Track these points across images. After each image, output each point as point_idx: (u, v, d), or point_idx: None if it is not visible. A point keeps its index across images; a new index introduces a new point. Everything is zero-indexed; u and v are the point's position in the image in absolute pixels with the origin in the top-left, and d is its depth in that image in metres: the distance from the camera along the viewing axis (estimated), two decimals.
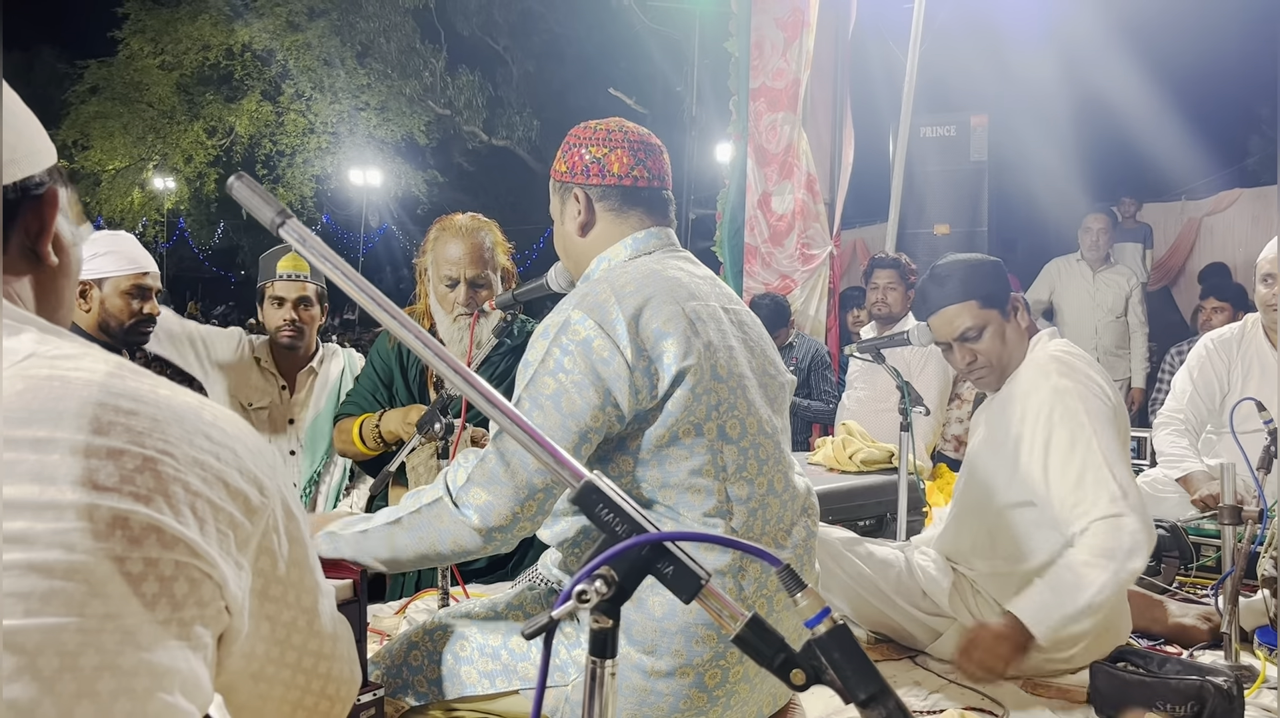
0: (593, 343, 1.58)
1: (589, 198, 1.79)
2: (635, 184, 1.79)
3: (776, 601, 1.68)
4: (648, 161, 1.80)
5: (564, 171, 1.82)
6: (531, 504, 1.57)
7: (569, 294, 1.71)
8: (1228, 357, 3.46)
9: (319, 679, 1.00)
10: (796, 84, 5.46)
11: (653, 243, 1.79)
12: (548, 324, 1.66)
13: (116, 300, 2.82)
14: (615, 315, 1.60)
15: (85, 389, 0.82)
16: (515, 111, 18.82)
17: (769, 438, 1.72)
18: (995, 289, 2.40)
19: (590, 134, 1.81)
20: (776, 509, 1.72)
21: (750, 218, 5.67)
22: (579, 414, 1.57)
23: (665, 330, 1.61)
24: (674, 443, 1.61)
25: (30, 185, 0.94)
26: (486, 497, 1.57)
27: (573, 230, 1.82)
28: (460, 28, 17.80)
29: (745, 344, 1.76)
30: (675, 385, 1.60)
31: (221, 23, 17.20)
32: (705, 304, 1.71)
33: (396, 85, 17.75)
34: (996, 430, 2.40)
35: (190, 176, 19.62)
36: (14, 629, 0.74)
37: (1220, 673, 1.98)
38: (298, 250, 1.00)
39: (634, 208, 1.79)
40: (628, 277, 1.69)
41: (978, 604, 2.39)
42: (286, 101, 18.20)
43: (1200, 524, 3.09)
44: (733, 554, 1.63)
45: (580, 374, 1.57)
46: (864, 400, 4.66)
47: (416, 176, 20.15)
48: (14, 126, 0.93)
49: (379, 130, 18.28)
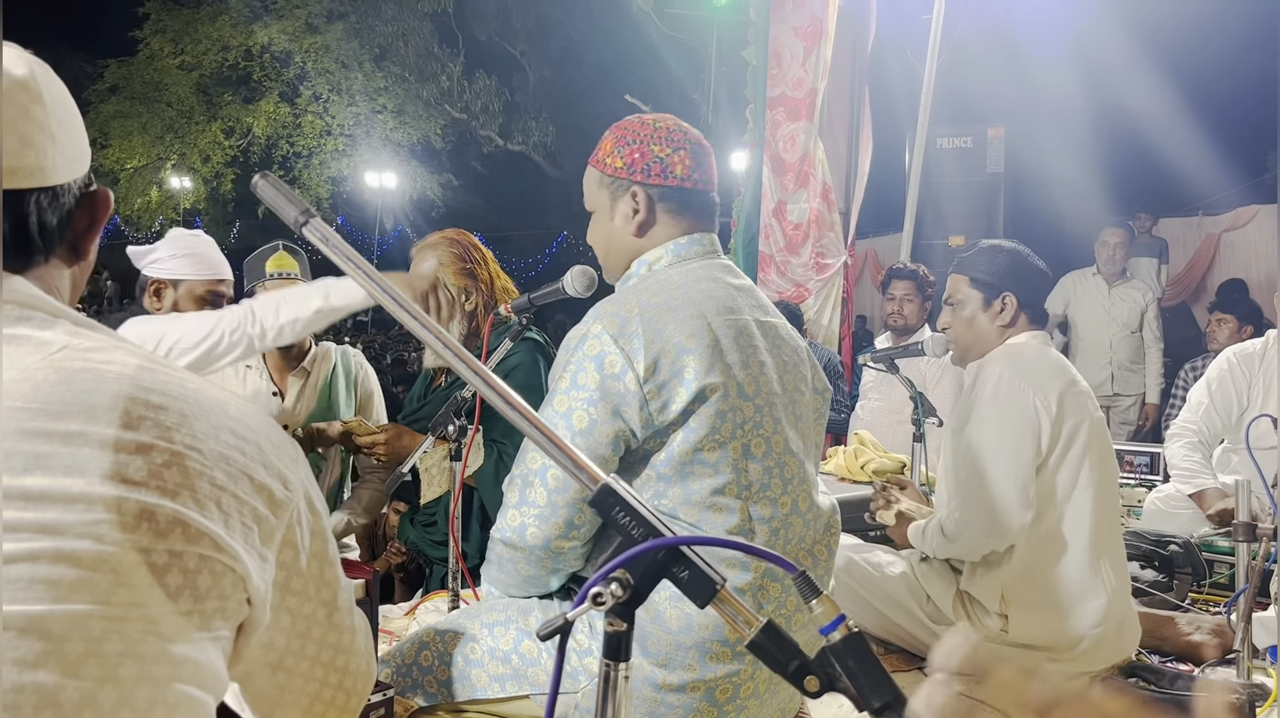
0: (605, 358, 1.58)
1: (650, 198, 1.75)
2: (695, 187, 1.75)
3: (795, 620, 1.67)
4: (704, 164, 1.77)
5: (620, 167, 1.75)
6: (561, 524, 1.60)
7: (599, 302, 1.69)
8: (1249, 372, 3.44)
9: (336, 672, 1.02)
10: (814, 93, 5.46)
11: (694, 249, 1.76)
12: (571, 337, 1.66)
13: (191, 304, 2.78)
14: (634, 329, 1.59)
15: (117, 383, 0.84)
16: (531, 117, 18.86)
17: (794, 457, 1.71)
18: (990, 278, 2.46)
19: (651, 131, 1.75)
20: (799, 529, 1.71)
21: (765, 226, 5.67)
22: (587, 432, 1.57)
23: (688, 346, 1.60)
24: (697, 460, 1.60)
25: (86, 183, 0.97)
26: (522, 519, 1.61)
27: (626, 229, 1.77)
28: (478, 32, 17.86)
29: (777, 359, 1.73)
30: (697, 402, 1.59)
31: (241, 24, 17.29)
32: (736, 318, 1.68)
33: (413, 89, 17.81)
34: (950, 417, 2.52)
35: (207, 176, 19.72)
36: (42, 615, 0.76)
37: (1233, 691, 1.97)
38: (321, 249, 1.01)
39: (688, 211, 1.76)
40: (658, 287, 1.67)
41: (976, 612, 2.38)
42: (304, 103, 18.29)
43: (1213, 541, 3.07)
44: (753, 573, 1.62)
45: (592, 390, 1.58)
46: (878, 411, 4.65)
47: (431, 180, 20.21)
48: (76, 127, 0.96)
49: (395, 133, 18.34)
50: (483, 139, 18.96)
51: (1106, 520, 2.33)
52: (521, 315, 2.32)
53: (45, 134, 0.90)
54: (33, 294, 0.89)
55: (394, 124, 18.19)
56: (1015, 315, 2.45)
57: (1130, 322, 5.88)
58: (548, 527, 1.60)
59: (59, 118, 0.93)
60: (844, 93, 5.76)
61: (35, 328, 0.86)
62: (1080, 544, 2.27)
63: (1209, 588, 2.96)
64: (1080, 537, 2.27)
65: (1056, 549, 2.27)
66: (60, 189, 0.93)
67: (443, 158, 19.86)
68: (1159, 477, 3.92)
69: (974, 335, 2.50)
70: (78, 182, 0.95)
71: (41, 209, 0.91)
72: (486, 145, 19.20)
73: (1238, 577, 2.42)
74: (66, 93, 0.96)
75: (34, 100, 0.90)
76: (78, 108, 0.98)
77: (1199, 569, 2.96)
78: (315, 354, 3.23)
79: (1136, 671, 2.17)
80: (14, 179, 0.88)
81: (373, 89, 17.79)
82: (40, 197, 0.91)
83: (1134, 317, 5.88)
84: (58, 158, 0.92)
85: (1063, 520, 2.28)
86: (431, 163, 20.02)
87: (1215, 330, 4.90)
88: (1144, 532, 3.08)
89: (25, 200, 0.90)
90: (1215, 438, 3.50)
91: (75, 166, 0.95)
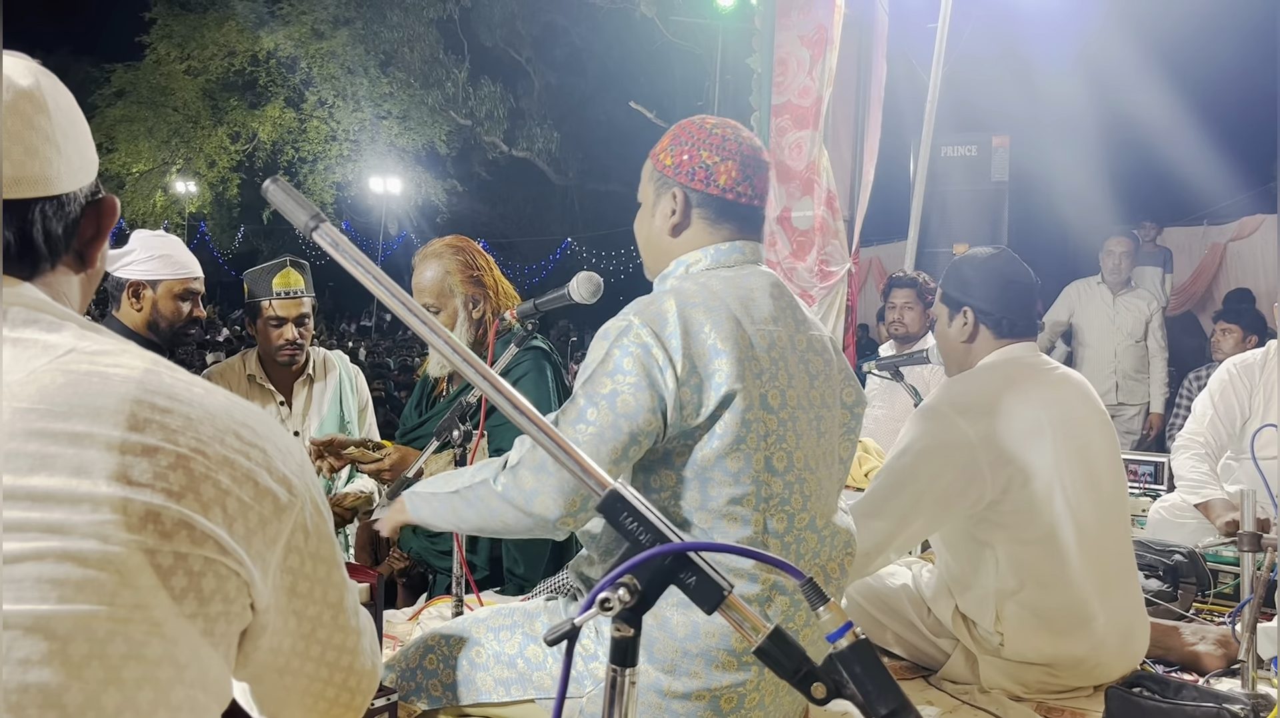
0: (650, 350, 1.59)
1: (688, 200, 1.75)
2: (737, 199, 1.74)
3: (804, 635, 1.66)
4: (754, 179, 1.75)
5: (669, 165, 1.76)
6: (575, 500, 1.57)
7: (637, 299, 1.69)
8: (1250, 382, 3.44)
9: (341, 673, 1.02)
10: (820, 101, 5.47)
11: (735, 257, 1.75)
12: (609, 327, 1.66)
13: (169, 303, 2.88)
14: (673, 328, 1.60)
15: (123, 386, 0.84)
16: (536, 123, 18.90)
17: (813, 473, 1.70)
18: (954, 292, 2.45)
19: (706, 136, 1.75)
20: (814, 545, 1.70)
21: (771, 233, 5.67)
22: (632, 415, 1.57)
23: (721, 349, 1.60)
24: (719, 467, 1.60)
25: (91, 192, 0.98)
26: (534, 483, 1.58)
27: (663, 228, 1.78)
28: (484, 39, 17.90)
29: (807, 372, 1.73)
30: (723, 407, 1.59)
31: (247, 29, 17.35)
32: (769, 328, 1.68)
33: (419, 95, 17.85)
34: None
35: (213, 181, 19.78)
36: (47, 615, 0.76)
37: (1237, 701, 1.97)
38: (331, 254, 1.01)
39: (728, 221, 1.76)
40: (696, 289, 1.67)
41: (975, 627, 2.37)
42: (309, 109, 18.34)
43: (1219, 551, 3.07)
44: (760, 585, 1.62)
45: (637, 377, 1.58)
46: (881, 419, 4.65)
47: (436, 186, 20.25)
48: (83, 132, 0.97)
49: (400, 139, 18.38)
50: (487, 145, 19.00)
51: (1102, 539, 2.29)
52: (526, 322, 2.32)
53: (50, 144, 0.91)
54: (39, 299, 0.90)
55: (399, 130, 18.23)
56: (975, 330, 2.41)
57: (1135, 331, 5.88)
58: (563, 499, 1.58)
59: (64, 127, 0.94)
60: (849, 100, 5.77)
61: (42, 331, 0.87)
62: (1069, 567, 2.23)
63: (1214, 598, 2.95)
64: (1068, 560, 2.23)
65: (1043, 573, 2.23)
66: (66, 198, 0.94)
67: (447, 164, 19.91)
68: (1163, 486, 3.91)
69: (946, 349, 2.51)
70: (84, 190, 0.96)
71: (46, 218, 0.92)
72: (491, 151, 19.23)
73: (1243, 587, 2.42)
74: (73, 102, 0.97)
75: (39, 110, 0.91)
76: (84, 113, 0.98)
77: (1204, 579, 2.95)
78: (315, 361, 3.25)
79: (1140, 680, 2.16)
80: (18, 189, 0.89)
81: (378, 95, 17.83)
82: (45, 206, 0.92)
83: (1138, 326, 5.88)
84: (63, 167, 0.93)
85: (1045, 544, 2.23)
86: (436, 169, 20.06)
87: (1220, 340, 4.90)
88: (1149, 542, 3.08)
89: (30, 209, 0.91)
90: (1221, 448, 3.50)
91: (81, 175, 0.96)
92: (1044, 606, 2.23)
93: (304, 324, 3.13)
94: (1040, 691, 2.27)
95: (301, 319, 3.12)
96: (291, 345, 3.10)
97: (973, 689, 2.28)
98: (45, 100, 0.92)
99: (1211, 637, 2.54)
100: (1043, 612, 2.23)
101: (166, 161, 19.46)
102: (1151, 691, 2.08)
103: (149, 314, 2.88)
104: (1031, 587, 2.24)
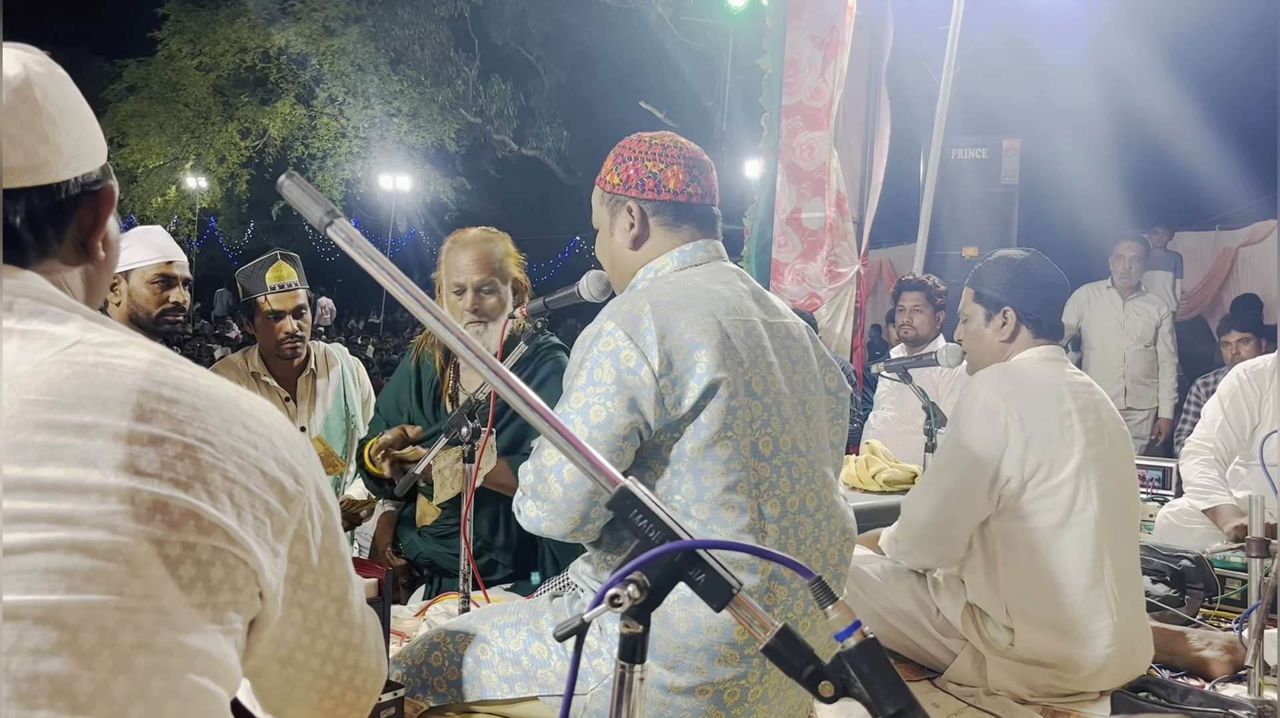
0: (620, 353, 1.60)
1: (643, 212, 1.80)
2: (689, 200, 1.80)
3: (802, 624, 1.67)
4: (701, 179, 1.81)
5: (618, 184, 1.82)
6: (576, 517, 1.62)
7: (608, 304, 1.72)
8: (1260, 388, 3.43)
9: (346, 669, 1.02)
10: (832, 103, 5.47)
11: (700, 255, 1.80)
12: (585, 334, 1.68)
13: (143, 290, 2.82)
14: (646, 325, 1.62)
15: (130, 377, 0.84)
16: (545, 122, 18.90)
17: (802, 456, 1.72)
18: (992, 292, 2.46)
19: (645, 148, 1.81)
20: (810, 529, 1.71)
21: (781, 234, 5.67)
22: (604, 426, 1.59)
23: (699, 341, 1.62)
24: (709, 456, 1.61)
25: (89, 181, 0.97)
26: (538, 512, 1.65)
27: (623, 243, 1.83)
28: (494, 37, 17.91)
29: (786, 359, 1.76)
30: (707, 397, 1.61)
31: (259, 26, 17.40)
32: (745, 319, 1.71)
33: (429, 92, 17.87)
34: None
35: (223, 177, 19.84)
36: (57, 605, 0.76)
37: (1243, 707, 1.97)
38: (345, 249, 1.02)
39: (686, 223, 1.81)
40: (668, 288, 1.70)
41: (984, 625, 2.37)
42: (320, 105, 18.37)
43: (1226, 557, 3.06)
44: (760, 576, 1.63)
45: (608, 385, 1.60)
46: (890, 422, 4.65)
47: (445, 183, 20.26)
48: (79, 122, 0.97)
49: (409, 136, 18.40)
50: (497, 143, 19.00)
51: (1115, 543, 2.29)
52: (536, 319, 2.32)
53: (34, 133, 0.91)
54: (46, 290, 0.90)
55: (409, 127, 18.25)
56: (1015, 330, 2.44)
57: (1144, 335, 5.85)
58: (563, 521, 1.63)
59: (52, 116, 0.93)
60: (859, 102, 5.76)
61: (49, 323, 0.87)
62: (1082, 566, 2.23)
63: (1221, 604, 2.94)
64: (1082, 559, 2.23)
65: (1056, 569, 2.24)
66: (56, 187, 0.93)
67: (457, 162, 19.91)
68: (1171, 491, 3.90)
69: (980, 349, 2.52)
70: (81, 179, 0.96)
71: (32, 207, 0.92)
72: (501, 150, 19.23)
73: (1250, 592, 2.41)
74: (70, 91, 0.97)
75: (23, 100, 0.91)
76: (92, 107, 0.98)
77: (1211, 585, 2.94)
78: (316, 356, 3.26)
79: (1147, 685, 2.16)
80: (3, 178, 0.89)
81: (388, 92, 17.86)
82: (32, 195, 0.92)
83: (1148, 330, 5.85)
84: (50, 156, 0.92)
85: (1060, 540, 2.24)
86: (445, 166, 20.07)
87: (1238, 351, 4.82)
88: (1156, 547, 3.07)
89: (16, 199, 0.91)
90: (1230, 454, 3.49)
91: (76, 164, 0.95)
92: (1056, 603, 2.23)
93: (302, 316, 3.13)
94: (1047, 694, 2.27)
95: (299, 311, 3.12)
96: (293, 338, 3.10)
97: (978, 692, 2.27)
98: (32, 90, 0.92)
99: (1218, 642, 2.53)
100: (1054, 610, 2.23)
101: (177, 157, 19.53)
102: (1158, 696, 2.08)
103: (128, 307, 2.83)
104: (1045, 583, 2.24)
